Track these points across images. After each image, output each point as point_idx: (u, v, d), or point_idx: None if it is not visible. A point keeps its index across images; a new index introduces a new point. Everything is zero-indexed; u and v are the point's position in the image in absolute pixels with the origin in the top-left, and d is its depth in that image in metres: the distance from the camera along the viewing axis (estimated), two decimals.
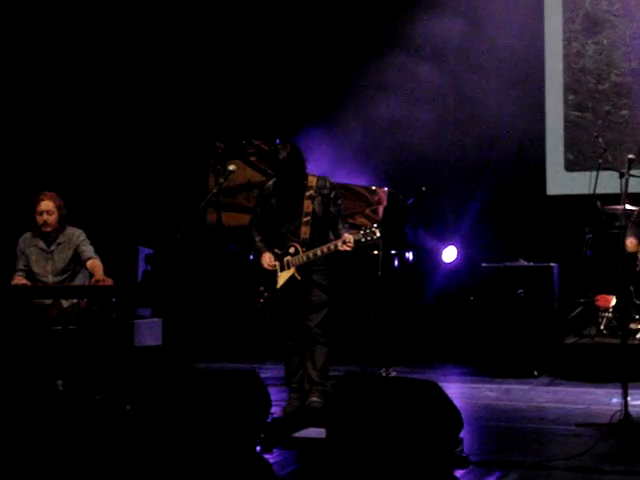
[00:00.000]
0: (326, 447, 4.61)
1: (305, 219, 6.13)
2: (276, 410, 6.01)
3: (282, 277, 6.17)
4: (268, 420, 5.11)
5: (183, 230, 6.22)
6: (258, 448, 4.96)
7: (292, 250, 6.15)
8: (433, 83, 9.28)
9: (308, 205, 6.14)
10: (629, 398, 5.34)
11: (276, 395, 6.34)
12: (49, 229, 6.96)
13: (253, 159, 8.10)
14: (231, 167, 6.43)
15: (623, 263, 5.52)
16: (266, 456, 4.96)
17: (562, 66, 9.39)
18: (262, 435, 4.99)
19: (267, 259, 6.18)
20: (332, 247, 6.04)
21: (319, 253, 6.05)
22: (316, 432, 5.31)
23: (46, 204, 6.96)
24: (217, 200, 6.44)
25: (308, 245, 6.11)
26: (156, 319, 8.18)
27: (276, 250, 6.22)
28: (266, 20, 9.89)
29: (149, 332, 7.94)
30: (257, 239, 6.28)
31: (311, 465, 4.94)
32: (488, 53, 9.21)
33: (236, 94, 9.87)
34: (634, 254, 5.57)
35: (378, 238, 6.00)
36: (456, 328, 8.67)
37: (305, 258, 6.09)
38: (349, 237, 5.99)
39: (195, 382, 4.98)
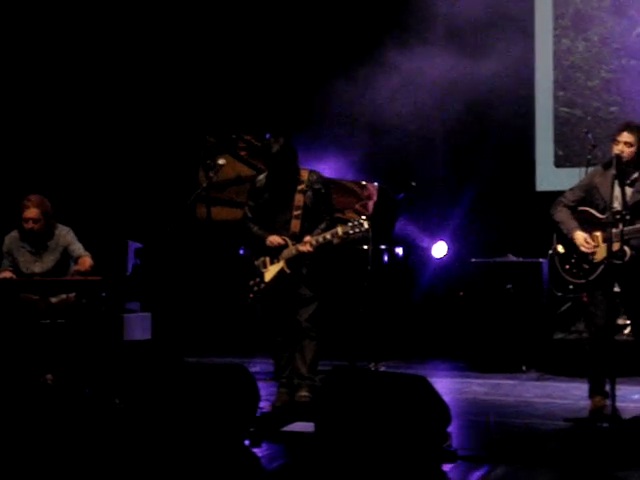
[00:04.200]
0: (314, 441, 4.62)
1: (296, 213, 6.15)
2: (265, 404, 6.01)
3: (271, 270, 6.17)
4: (257, 414, 5.10)
5: (172, 224, 6.21)
6: (247, 442, 4.97)
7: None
8: (422, 79, 9.28)
9: (299, 199, 6.15)
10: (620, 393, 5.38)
11: (265, 389, 6.34)
12: (36, 234, 6.89)
13: (243, 154, 8.09)
14: (221, 161, 6.42)
15: (610, 258, 5.53)
16: (254, 450, 4.97)
17: (552, 62, 9.42)
18: (251, 429, 4.99)
19: (275, 238, 6.15)
20: (321, 239, 6.06)
21: (314, 243, 6.06)
22: (305, 426, 5.32)
23: (31, 212, 6.82)
24: (207, 194, 6.42)
25: (298, 239, 6.12)
26: (145, 313, 8.19)
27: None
28: (256, 15, 9.88)
29: (138, 326, 7.96)
30: (255, 228, 6.26)
31: (299, 459, 4.95)
32: (478, 50, 9.21)
33: (227, 88, 9.86)
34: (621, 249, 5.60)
35: (366, 230, 6.03)
36: (445, 323, 8.69)
37: (294, 251, 6.10)
38: (337, 228, 6.02)
39: (184, 376, 4.98)
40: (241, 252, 6.98)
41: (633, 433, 5.22)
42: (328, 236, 6.06)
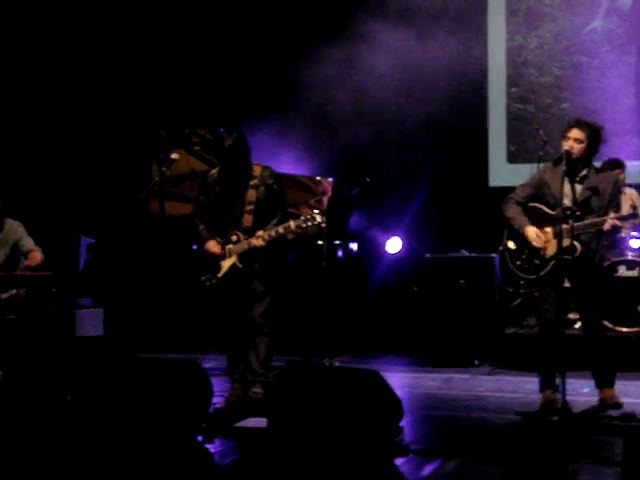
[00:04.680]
0: (267, 436, 4.61)
1: (248, 208, 6.14)
2: (218, 400, 5.99)
3: (224, 265, 6.15)
4: (210, 410, 5.09)
5: (125, 219, 6.16)
6: (199, 438, 4.95)
7: (234, 238, 6.14)
8: (376, 75, 9.31)
9: (252, 194, 6.14)
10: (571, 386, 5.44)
11: (219, 385, 6.32)
12: None
13: (197, 148, 8.05)
14: (174, 156, 6.38)
15: (561, 253, 5.59)
16: (207, 446, 4.95)
17: (505, 59, 9.49)
18: (203, 425, 4.97)
19: (212, 246, 6.17)
20: (273, 233, 6.06)
21: (267, 237, 6.05)
22: (258, 422, 5.30)
23: None
24: (160, 189, 6.36)
25: (250, 233, 6.11)
26: (97, 309, 8.11)
27: (218, 239, 6.20)
28: (210, 9, 9.83)
29: (90, 322, 7.88)
30: (201, 227, 6.26)
31: (252, 455, 4.94)
32: (431, 47, 9.25)
33: (180, 83, 9.80)
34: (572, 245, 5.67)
35: (319, 223, 6.04)
36: (399, 318, 8.72)
37: (247, 246, 6.09)
38: (290, 222, 6.03)
39: (136, 372, 4.95)
40: (194, 247, 6.94)
41: (583, 426, 5.28)
42: (281, 230, 6.06)
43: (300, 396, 4.50)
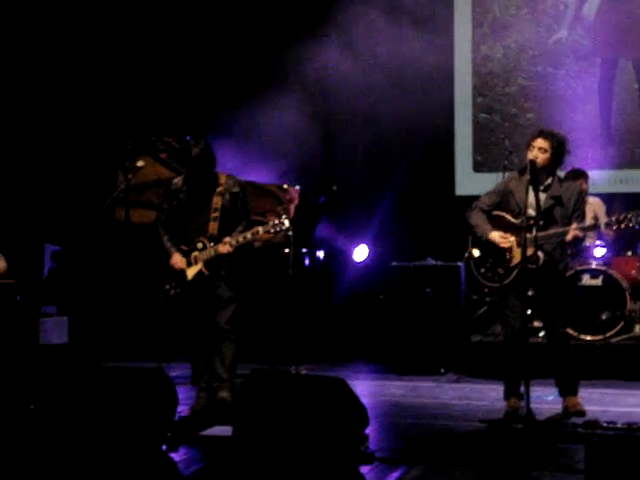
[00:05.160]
0: (232, 445, 4.59)
1: (214, 215, 6.15)
2: (183, 409, 5.96)
3: (190, 273, 6.14)
4: (175, 419, 5.06)
5: (90, 227, 6.13)
6: (164, 447, 4.92)
7: (200, 245, 6.14)
8: (343, 82, 9.34)
9: (217, 201, 6.16)
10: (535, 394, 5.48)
11: (184, 394, 6.28)
12: None
13: (163, 156, 8.02)
14: (139, 163, 6.37)
15: (524, 262, 5.63)
16: (172, 455, 4.92)
17: (471, 69, 9.56)
18: (168, 434, 4.94)
19: (178, 261, 6.15)
20: (241, 239, 6.07)
21: (234, 243, 6.06)
22: (223, 430, 5.28)
23: None
24: (126, 197, 6.35)
25: (216, 240, 6.11)
26: (62, 317, 8.05)
27: (183, 247, 6.19)
28: (176, 17, 9.80)
29: (55, 330, 7.82)
30: (165, 238, 6.24)
31: (217, 463, 4.92)
32: (397, 57, 9.29)
33: (146, 91, 9.76)
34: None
35: (287, 229, 6.07)
36: (366, 326, 8.73)
37: (213, 252, 6.09)
38: (258, 228, 6.05)
39: (101, 380, 4.91)
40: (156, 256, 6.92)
41: (546, 434, 5.32)
42: (249, 236, 6.08)
43: (265, 404, 4.49)
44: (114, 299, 8.86)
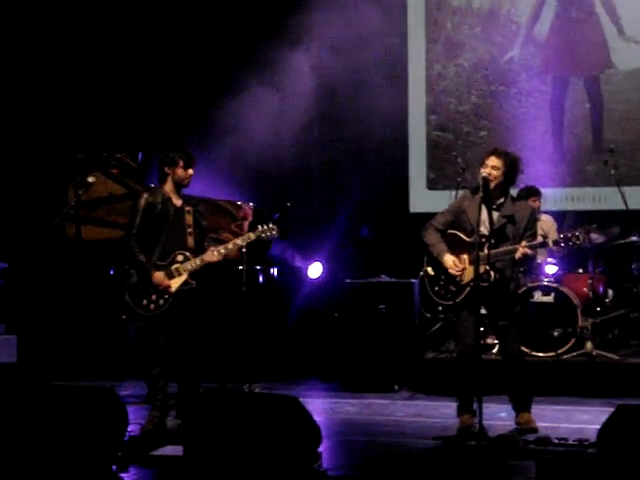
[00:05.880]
0: (183, 465, 4.54)
1: (189, 230, 6.23)
2: (134, 428, 5.87)
3: (174, 284, 6.09)
4: (125, 438, 4.98)
5: (40, 243, 6.03)
6: (114, 467, 4.84)
7: (180, 258, 6.15)
8: (299, 101, 9.35)
9: (189, 218, 6.24)
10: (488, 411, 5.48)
11: (135, 413, 6.21)
12: None
13: (115, 171, 7.92)
14: (90, 179, 6.30)
15: (476, 280, 5.65)
16: (122, 475, 4.85)
17: (425, 87, 9.62)
18: (119, 453, 4.87)
19: (160, 278, 6.09)
20: (230, 246, 6.20)
21: (223, 251, 6.15)
22: (175, 450, 5.22)
23: None
24: (76, 213, 6.26)
25: (195, 253, 6.16)
26: (11, 335, 7.92)
27: (159, 262, 6.15)
28: (131, 31, 9.75)
29: (3, 349, 7.70)
30: (140, 257, 6.14)
31: None
32: (352, 74, 9.33)
33: (98, 105, 9.67)
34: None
35: (276, 233, 6.28)
36: (321, 344, 8.70)
37: (199, 262, 6.14)
38: (249, 234, 6.24)
39: (50, 399, 4.83)
40: (111, 272, 6.84)
41: (499, 451, 5.32)
42: (239, 242, 6.23)
43: (217, 423, 4.45)
44: (64, 317, 8.72)
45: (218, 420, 4.44)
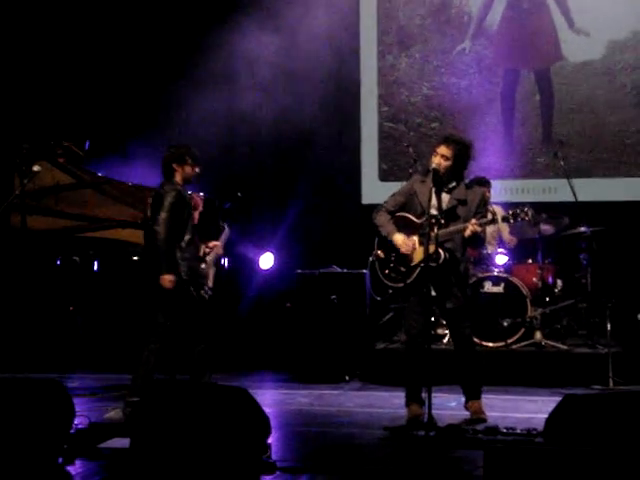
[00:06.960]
0: (131, 457, 4.48)
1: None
2: (81, 420, 5.79)
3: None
4: (71, 431, 4.91)
5: None
6: (60, 459, 4.77)
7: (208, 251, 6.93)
8: (250, 92, 9.30)
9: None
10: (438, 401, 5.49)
11: (83, 405, 6.14)
12: None
13: (62, 160, 7.79)
14: (35, 168, 6.19)
15: (426, 260, 5.64)
16: (68, 468, 4.78)
17: (377, 78, 9.61)
18: (65, 446, 4.80)
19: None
20: None
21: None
22: (123, 442, 5.15)
23: None
24: (21, 202, 6.15)
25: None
26: None
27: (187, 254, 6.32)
28: (84, 20, 9.61)
29: None
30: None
31: (115, 476, 4.79)
32: (305, 65, 9.30)
33: (44, 93, 9.52)
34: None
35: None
36: (272, 335, 8.68)
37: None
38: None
39: None
40: (58, 262, 6.73)
41: (447, 440, 5.34)
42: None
43: (165, 414, 4.40)
44: (10, 308, 8.57)
45: (166, 411, 4.39)
